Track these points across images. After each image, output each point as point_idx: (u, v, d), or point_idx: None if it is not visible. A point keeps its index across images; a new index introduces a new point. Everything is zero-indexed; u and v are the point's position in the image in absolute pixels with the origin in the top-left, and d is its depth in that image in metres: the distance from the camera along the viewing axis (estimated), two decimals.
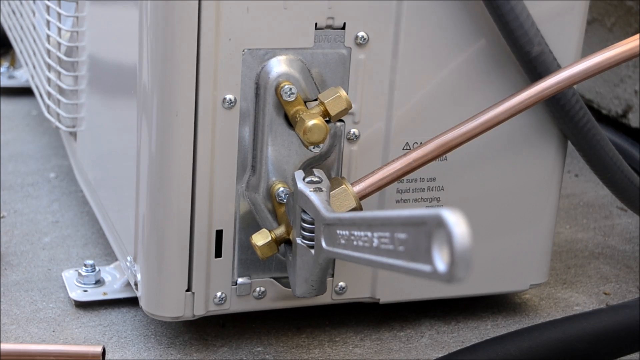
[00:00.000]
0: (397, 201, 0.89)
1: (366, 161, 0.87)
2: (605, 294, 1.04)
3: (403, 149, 0.87)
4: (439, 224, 0.53)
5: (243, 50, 0.81)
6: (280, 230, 0.83)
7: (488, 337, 0.89)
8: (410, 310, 0.97)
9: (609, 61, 0.84)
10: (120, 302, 0.96)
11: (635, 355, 0.89)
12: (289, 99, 0.81)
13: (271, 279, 0.87)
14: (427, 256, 0.54)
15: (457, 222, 0.52)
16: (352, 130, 0.85)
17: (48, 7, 1.08)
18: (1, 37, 1.50)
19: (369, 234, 0.59)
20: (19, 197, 1.15)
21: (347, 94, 0.83)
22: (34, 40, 1.18)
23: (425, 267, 0.55)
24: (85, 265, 0.97)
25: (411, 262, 0.56)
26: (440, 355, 0.88)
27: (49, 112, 1.12)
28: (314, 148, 0.82)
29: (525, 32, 0.84)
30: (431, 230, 0.54)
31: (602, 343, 0.85)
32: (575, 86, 0.87)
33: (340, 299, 0.90)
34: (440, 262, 0.53)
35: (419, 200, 0.89)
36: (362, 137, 0.86)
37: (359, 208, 0.81)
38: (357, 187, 0.83)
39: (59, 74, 1.07)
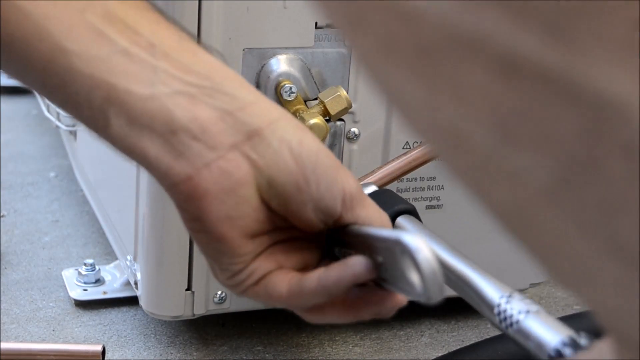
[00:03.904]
0: None
1: (366, 160, 0.87)
2: None
3: (403, 148, 0.87)
4: (403, 251, 0.53)
5: (243, 50, 0.81)
6: None
7: (488, 337, 0.89)
8: (410, 310, 0.97)
9: None
10: (120, 301, 0.95)
11: None
12: (289, 98, 0.81)
13: None
14: (405, 279, 0.54)
15: (418, 248, 0.52)
16: (352, 130, 0.85)
17: None
18: None
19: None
20: (19, 197, 1.15)
21: (347, 93, 0.83)
22: None
23: (407, 288, 0.55)
24: (85, 265, 0.97)
25: (394, 284, 0.57)
26: (440, 355, 0.88)
27: (49, 112, 1.12)
28: None
29: None
30: (398, 256, 0.54)
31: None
32: None
33: None
34: (417, 285, 0.53)
35: (419, 199, 0.89)
36: (362, 136, 0.86)
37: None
38: None
39: None
